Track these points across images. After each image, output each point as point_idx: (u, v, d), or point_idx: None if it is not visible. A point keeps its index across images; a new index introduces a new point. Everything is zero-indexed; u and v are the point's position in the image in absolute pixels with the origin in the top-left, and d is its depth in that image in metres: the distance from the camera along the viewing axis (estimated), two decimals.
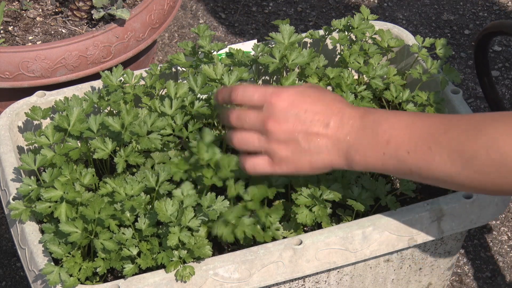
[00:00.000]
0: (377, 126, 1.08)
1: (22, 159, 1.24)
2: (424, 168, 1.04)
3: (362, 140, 1.09)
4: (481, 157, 0.99)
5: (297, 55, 1.44)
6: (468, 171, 1.00)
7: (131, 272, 1.17)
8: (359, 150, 1.09)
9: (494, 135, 0.98)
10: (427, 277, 1.42)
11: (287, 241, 1.22)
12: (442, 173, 1.03)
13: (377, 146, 1.07)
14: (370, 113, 1.10)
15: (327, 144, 1.10)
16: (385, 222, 1.25)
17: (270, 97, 1.12)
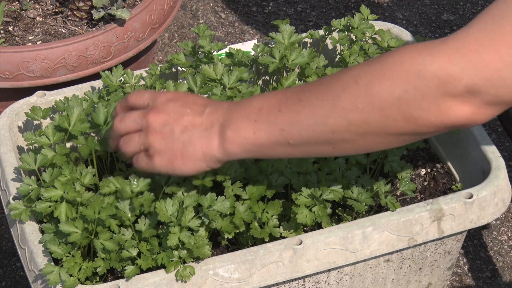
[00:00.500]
0: (250, 101, 1.08)
1: (22, 159, 1.24)
2: (295, 123, 1.01)
3: (234, 115, 1.07)
4: (347, 93, 0.96)
5: (297, 55, 1.44)
6: (336, 112, 0.98)
7: (133, 273, 1.17)
8: (231, 124, 1.07)
9: (358, 72, 0.97)
10: (427, 277, 1.42)
11: (287, 241, 1.22)
12: (312, 123, 1.00)
13: (249, 116, 1.05)
14: (245, 99, 1.10)
15: (200, 130, 1.09)
16: (385, 222, 1.25)
17: (157, 94, 1.13)
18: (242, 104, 1.08)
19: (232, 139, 1.07)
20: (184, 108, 1.10)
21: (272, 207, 1.27)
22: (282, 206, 1.29)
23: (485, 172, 1.34)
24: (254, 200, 1.26)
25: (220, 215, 1.22)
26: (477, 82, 0.91)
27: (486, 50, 0.90)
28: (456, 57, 0.91)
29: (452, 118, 0.94)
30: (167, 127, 1.10)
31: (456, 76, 0.91)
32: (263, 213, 1.26)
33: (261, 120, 1.04)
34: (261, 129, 1.04)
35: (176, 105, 1.11)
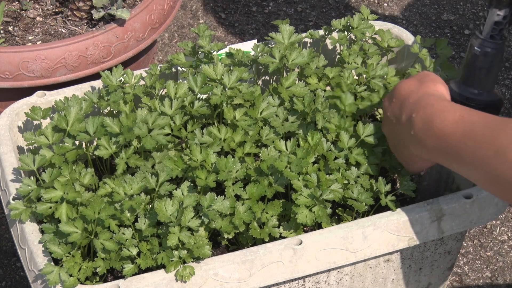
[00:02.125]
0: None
1: (21, 159, 1.24)
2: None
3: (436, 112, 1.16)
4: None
5: (297, 55, 1.44)
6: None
7: (131, 272, 1.17)
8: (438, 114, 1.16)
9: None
10: (427, 277, 1.42)
11: (287, 241, 1.22)
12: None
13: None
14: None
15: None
16: (385, 222, 1.25)
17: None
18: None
19: (440, 127, 1.16)
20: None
21: (272, 207, 1.27)
22: (282, 206, 1.29)
23: None
24: (254, 200, 1.26)
25: (220, 215, 1.22)
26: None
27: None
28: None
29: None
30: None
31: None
32: (262, 213, 1.27)
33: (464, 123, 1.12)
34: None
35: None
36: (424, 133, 1.15)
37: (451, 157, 1.12)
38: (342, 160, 1.33)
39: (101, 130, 1.29)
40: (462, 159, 1.09)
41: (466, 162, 1.09)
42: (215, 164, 1.25)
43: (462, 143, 1.09)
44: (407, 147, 1.21)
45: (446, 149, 1.12)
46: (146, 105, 1.39)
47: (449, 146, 1.11)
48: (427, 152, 1.16)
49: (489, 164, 1.05)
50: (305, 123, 1.38)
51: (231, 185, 1.25)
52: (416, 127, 1.16)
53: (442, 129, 1.12)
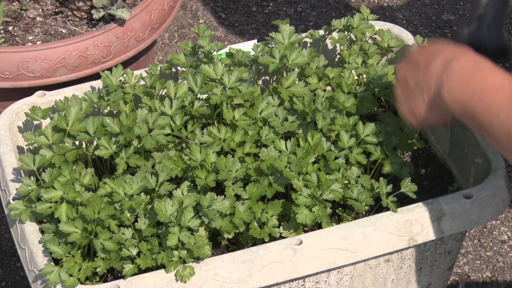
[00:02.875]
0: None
1: (21, 160, 1.24)
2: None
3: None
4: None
5: (297, 55, 1.44)
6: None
7: (131, 272, 1.17)
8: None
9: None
10: (427, 277, 1.42)
11: (287, 241, 1.22)
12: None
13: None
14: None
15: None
16: (385, 222, 1.25)
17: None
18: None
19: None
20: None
21: (272, 207, 1.27)
22: (282, 206, 1.29)
23: (485, 172, 1.34)
24: (254, 200, 1.26)
25: (220, 215, 1.22)
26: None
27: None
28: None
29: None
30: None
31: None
32: (262, 213, 1.26)
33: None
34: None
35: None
36: (460, 83, 1.10)
37: (473, 115, 1.07)
38: (342, 160, 1.33)
39: (101, 130, 1.29)
40: (488, 124, 1.05)
41: (491, 127, 1.04)
42: (215, 164, 1.25)
43: (494, 109, 1.04)
44: (429, 95, 1.17)
45: (474, 109, 1.07)
46: (146, 105, 1.39)
47: (477, 105, 1.07)
48: (453, 102, 1.11)
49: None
50: (305, 123, 1.38)
51: (231, 185, 1.25)
52: (454, 71, 1.11)
53: (481, 86, 1.07)
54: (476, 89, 1.07)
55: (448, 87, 1.10)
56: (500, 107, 1.03)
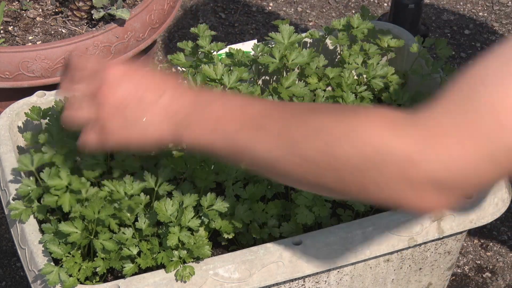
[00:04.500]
0: (210, 104, 1.00)
1: (19, 160, 1.24)
2: (251, 149, 0.95)
3: (193, 116, 1.00)
4: (306, 142, 0.91)
5: (297, 55, 1.44)
6: (292, 157, 0.92)
7: (131, 271, 1.17)
8: (189, 125, 1.01)
9: (323, 122, 0.90)
10: (427, 277, 1.42)
11: (287, 241, 1.22)
12: (267, 156, 0.94)
13: (207, 122, 0.99)
14: (205, 92, 1.03)
15: (160, 115, 1.02)
16: (385, 222, 1.25)
17: (105, 65, 1.05)
18: (201, 103, 1.01)
19: (189, 138, 1.01)
20: (139, 84, 1.03)
21: (272, 207, 1.27)
22: (282, 206, 1.29)
23: None
24: (254, 200, 1.26)
25: (220, 215, 1.22)
26: (440, 174, 0.85)
27: (450, 139, 0.83)
28: (420, 142, 0.84)
29: (404, 202, 0.88)
30: (123, 105, 1.03)
31: (417, 163, 0.85)
32: (262, 213, 1.26)
33: (218, 132, 0.99)
34: (218, 140, 0.99)
35: (130, 80, 1.04)
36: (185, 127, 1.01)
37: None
38: None
39: None
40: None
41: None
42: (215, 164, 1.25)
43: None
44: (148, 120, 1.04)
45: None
46: None
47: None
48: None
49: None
50: None
51: (231, 185, 1.25)
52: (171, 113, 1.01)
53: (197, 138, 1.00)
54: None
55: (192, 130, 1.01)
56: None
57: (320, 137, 0.89)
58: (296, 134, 0.92)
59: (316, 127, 0.90)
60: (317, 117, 0.92)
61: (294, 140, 0.92)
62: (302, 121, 0.92)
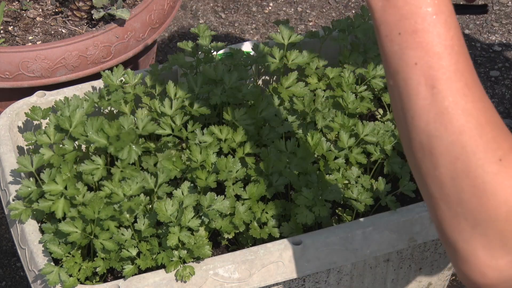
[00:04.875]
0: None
1: (19, 161, 1.24)
2: (408, 95, 0.80)
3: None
4: (444, 157, 0.79)
5: (297, 55, 1.44)
6: (425, 144, 0.79)
7: (131, 273, 1.17)
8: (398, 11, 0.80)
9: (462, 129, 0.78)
10: (427, 277, 1.42)
11: (287, 241, 1.22)
12: (408, 108, 0.80)
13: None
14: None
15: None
16: (385, 222, 1.25)
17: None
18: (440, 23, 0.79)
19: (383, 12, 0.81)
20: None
21: (272, 207, 1.27)
22: (282, 206, 1.29)
23: None
24: (254, 200, 1.26)
25: (220, 215, 1.22)
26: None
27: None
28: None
29: (469, 262, 0.80)
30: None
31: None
32: (262, 213, 1.26)
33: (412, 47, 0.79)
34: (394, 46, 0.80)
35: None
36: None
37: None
38: (342, 160, 1.33)
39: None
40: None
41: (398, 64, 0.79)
42: (215, 164, 1.25)
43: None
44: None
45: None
46: (146, 105, 1.39)
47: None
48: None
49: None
50: (305, 123, 1.38)
51: (231, 185, 1.25)
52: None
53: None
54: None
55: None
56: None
57: (451, 184, 0.79)
58: (435, 158, 0.80)
59: (452, 170, 0.79)
60: (457, 158, 0.79)
61: (432, 163, 0.80)
62: (448, 145, 0.79)
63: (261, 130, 1.37)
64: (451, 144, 0.78)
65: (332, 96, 1.41)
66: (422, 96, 0.78)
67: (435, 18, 0.78)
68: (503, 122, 0.80)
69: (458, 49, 0.79)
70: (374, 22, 0.81)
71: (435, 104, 0.78)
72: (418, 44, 0.78)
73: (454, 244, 0.81)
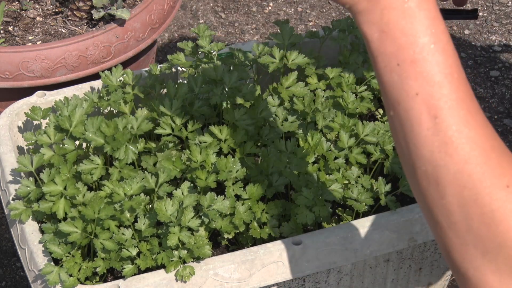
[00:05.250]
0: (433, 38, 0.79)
1: (19, 161, 1.24)
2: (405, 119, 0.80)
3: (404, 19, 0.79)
4: (447, 199, 0.79)
5: (297, 55, 1.44)
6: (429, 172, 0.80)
7: (131, 273, 1.17)
8: (390, 21, 0.79)
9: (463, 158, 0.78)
10: (427, 277, 1.42)
11: (287, 241, 1.22)
12: (408, 141, 0.80)
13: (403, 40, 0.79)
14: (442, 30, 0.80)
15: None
16: (385, 222, 1.25)
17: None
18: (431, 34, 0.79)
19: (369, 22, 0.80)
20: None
21: (272, 207, 1.27)
22: (282, 206, 1.29)
23: None
24: (254, 200, 1.26)
25: (220, 215, 1.22)
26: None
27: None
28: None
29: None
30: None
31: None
32: (262, 213, 1.27)
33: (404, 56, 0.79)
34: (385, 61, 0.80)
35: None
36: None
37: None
38: (342, 160, 1.33)
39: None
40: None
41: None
42: (215, 164, 1.25)
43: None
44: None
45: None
46: (146, 105, 1.39)
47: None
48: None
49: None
50: (305, 123, 1.38)
51: (231, 185, 1.25)
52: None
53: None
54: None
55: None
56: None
57: (462, 220, 0.79)
58: (445, 188, 0.79)
59: (464, 207, 0.79)
60: (469, 197, 0.78)
61: (440, 193, 0.80)
62: (456, 174, 0.78)
63: (261, 130, 1.37)
64: (457, 173, 0.78)
65: (332, 96, 1.41)
66: (425, 127, 0.78)
67: (433, 47, 0.78)
68: (506, 147, 0.81)
69: (458, 76, 0.79)
70: (370, 53, 0.81)
71: (439, 134, 0.78)
72: (418, 74, 0.78)
73: (464, 271, 0.81)
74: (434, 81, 0.78)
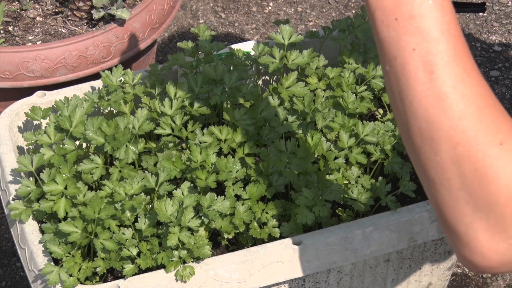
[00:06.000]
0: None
1: (19, 161, 1.24)
2: (404, 75, 0.80)
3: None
4: (445, 143, 0.79)
5: (297, 55, 1.44)
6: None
7: (131, 272, 1.17)
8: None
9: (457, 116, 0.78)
10: (427, 277, 1.42)
11: (287, 241, 1.22)
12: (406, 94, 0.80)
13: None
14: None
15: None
16: (385, 222, 1.25)
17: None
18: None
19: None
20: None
21: (272, 207, 1.27)
22: (282, 206, 1.29)
23: None
24: (254, 200, 1.26)
25: (220, 215, 1.22)
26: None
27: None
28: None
29: (469, 243, 0.80)
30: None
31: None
32: (262, 213, 1.27)
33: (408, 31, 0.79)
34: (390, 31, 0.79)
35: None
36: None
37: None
38: (342, 160, 1.33)
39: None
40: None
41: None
42: (215, 164, 1.25)
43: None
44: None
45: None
46: (146, 105, 1.39)
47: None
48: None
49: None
50: (305, 123, 1.38)
51: (231, 185, 1.25)
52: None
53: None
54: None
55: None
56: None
57: (457, 179, 0.79)
58: (440, 147, 0.79)
59: (459, 167, 0.79)
60: (464, 157, 0.78)
61: (435, 148, 0.79)
62: (451, 146, 0.79)
63: (261, 130, 1.37)
64: (451, 130, 0.78)
65: (332, 96, 1.41)
66: (421, 82, 0.78)
67: (431, 3, 0.78)
68: (501, 106, 0.81)
69: (455, 33, 0.79)
70: (368, 8, 0.81)
71: (434, 89, 0.78)
72: (416, 29, 0.78)
73: (455, 228, 0.81)
74: (431, 37, 0.78)
